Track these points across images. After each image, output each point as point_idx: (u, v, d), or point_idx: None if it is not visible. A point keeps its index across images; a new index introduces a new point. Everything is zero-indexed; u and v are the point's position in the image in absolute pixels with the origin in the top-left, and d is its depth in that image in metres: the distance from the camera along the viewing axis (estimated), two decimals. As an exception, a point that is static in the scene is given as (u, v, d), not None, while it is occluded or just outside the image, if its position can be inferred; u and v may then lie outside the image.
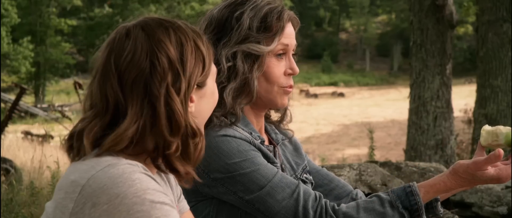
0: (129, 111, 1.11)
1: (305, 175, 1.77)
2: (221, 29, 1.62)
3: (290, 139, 1.82)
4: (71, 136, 1.16)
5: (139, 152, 1.14)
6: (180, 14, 37.08)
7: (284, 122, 1.80)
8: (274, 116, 1.82)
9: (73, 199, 1.06)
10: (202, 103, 1.22)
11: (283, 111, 1.79)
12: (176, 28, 1.18)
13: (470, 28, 24.29)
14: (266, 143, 1.70)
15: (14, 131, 15.51)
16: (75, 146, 1.15)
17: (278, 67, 1.63)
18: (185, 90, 1.13)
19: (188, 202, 1.48)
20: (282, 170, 1.70)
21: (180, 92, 1.13)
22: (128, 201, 1.04)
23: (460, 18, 10.75)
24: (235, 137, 1.55)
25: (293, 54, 1.67)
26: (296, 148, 1.82)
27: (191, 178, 1.18)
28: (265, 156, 1.60)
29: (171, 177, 1.34)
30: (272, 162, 1.60)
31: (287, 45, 1.63)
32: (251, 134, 1.61)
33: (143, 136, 1.12)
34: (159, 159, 1.14)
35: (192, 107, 1.18)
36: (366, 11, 51.17)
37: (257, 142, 1.61)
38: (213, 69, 1.25)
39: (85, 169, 1.09)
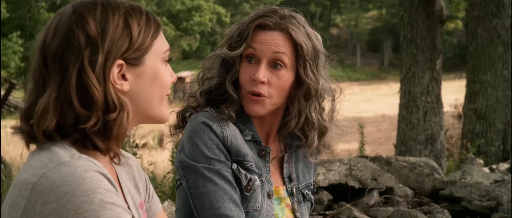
0: (48, 86, 1.10)
1: (307, 191, 1.77)
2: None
3: (306, 154, 1.78)
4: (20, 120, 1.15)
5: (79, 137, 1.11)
6: (171, 9, 36.95)
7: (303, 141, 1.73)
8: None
9: (25, 196, 1.04)
10: (141, 84, 1.16)
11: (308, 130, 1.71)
12: (107, 4, 1.14)
13: (460, 23, 24.36)
14: (265, 142, 1.70)
15: (3, 126, 15.38)
16: (21, 130, 1.13)
17: (246, 72, 1.62)
18: (101, 64, 1.10)
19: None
20: (290, 180, 1.72)
21: (96, 66, 1.09)
22: (77, 199, 1.01)
23: (450, 13, 10.78)
24: (211, 128, 1.57)
25: (278, 63, 1.61)
26: (307, 165, 1.80)
27: (115, 155, 1.16)
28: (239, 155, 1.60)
29: (136, 174, 1.33)
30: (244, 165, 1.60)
31: (255, 49, 1.60)
32: (244, 130, 1.63)
33: (61, 111, 1.09)
34: (86, 139, 1.10)
35: (124, 85, 1.14)
36: (356, 6, 51.14)
37: (247, 138, 1.64)
38: (158, 50, 1.19)
39: (38, 166, 1.06)
